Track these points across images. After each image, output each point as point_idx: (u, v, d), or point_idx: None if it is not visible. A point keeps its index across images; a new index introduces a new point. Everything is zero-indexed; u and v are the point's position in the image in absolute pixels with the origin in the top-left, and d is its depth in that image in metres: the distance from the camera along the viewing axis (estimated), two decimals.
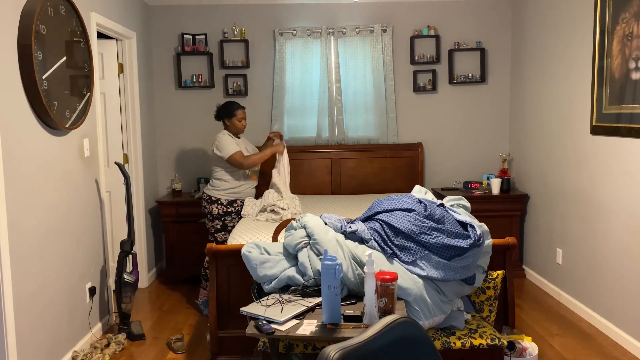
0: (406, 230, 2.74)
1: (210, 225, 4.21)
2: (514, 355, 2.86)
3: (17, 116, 2.80)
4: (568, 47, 4.16)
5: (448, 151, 5.47)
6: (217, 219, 4.18)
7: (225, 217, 4.19)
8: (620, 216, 3.53)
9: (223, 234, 4.19)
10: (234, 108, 4.27)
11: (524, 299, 4.41)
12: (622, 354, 3.40)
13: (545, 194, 4.61)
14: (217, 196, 4.18)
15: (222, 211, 4.18)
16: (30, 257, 2.90)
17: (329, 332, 2.23)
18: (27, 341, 2.85)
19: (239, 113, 4.26)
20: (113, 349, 3.49)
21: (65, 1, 3.25)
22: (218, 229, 4.19)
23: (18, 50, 2.80)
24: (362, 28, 5.26)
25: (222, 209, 4.18)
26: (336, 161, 5.34)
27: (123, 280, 3.73)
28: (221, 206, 4.17)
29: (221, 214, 4.18)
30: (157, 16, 5.29)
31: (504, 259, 3.12)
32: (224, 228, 4.19)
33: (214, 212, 4.17)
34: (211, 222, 4.20)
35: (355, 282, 2.61)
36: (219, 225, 4.19)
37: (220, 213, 4.17)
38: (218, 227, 4.19)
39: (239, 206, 4.25)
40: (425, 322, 2.60)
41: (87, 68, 3.59)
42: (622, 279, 3.52)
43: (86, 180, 3.65)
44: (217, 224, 4.19)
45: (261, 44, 5.34)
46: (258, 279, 2.73)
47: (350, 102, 5.36)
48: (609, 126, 3.60)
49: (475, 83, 5.37)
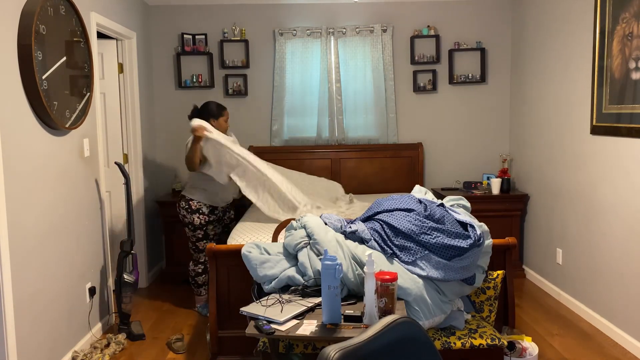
0: (406, 230, 2.74)
1: (192, 235, 4.08)
2: (514, 355, 2.86)
3: (17, 116, 2.80)
4: (568, 47, 4.16)
5: (448, 151, 5.47)
6: (198, 228, 4.05)
7: (207, 226, 4.07)
8: (620, 216, 3.53)
9: (204, 243, 4.09)
10: (221, 108, 4.09)
11: (524, 299, 4.41)
12: (622, 354, 3.40)
13: (545, 194, 4.61)
14: (196, 205, 3.99)
15: (204, 220, 4.04)
16: (30, 257, 2.90)
17: (329, 332, 2.23)
18: (27, 341, 2.85)
19: (226, 113, 4.11)
20: (113, 349, 3.49)
21: (65, 1, 3.25)
22: (200, 238, 4.08)
23: (18, 50, 2.80)
24: (362, 28, 5.26)
25: (203, 219, 4.02)
26: (336, 161, 5.34)
27: (123, 280, 3.73)
28: (203, 215, 4.02)
29: (203, 224, 4.05)
30: (157, 16, 5.29)
31: (504, 259, 3.12)
32: (206, 237, 4.09)
33: (196, 222, 4.02)
34: (192, 231, 4.06)
35: (355, 282, 2.61)
36: (200, 235, 4.07)
37: (202, 223, 4.04)
38: (200, 237, 4.08)
39: (219, 212, 4.15)
40: (425, 322, 2.60)
41: (87, 68, 3.59)
42: (622, 279, 3.52)
43: (86, 180, 3.65)
44: (198, 234, 4.07)
45: (261, 44, 5.34)
46: (258, 279, 2.73)
47: (350, 102, 5.36)
48: (609, 126, 3.60)
49: (475, 83, 5.37)
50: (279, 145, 5.39)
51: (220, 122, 4.07)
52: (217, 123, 4.05)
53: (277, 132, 5.38)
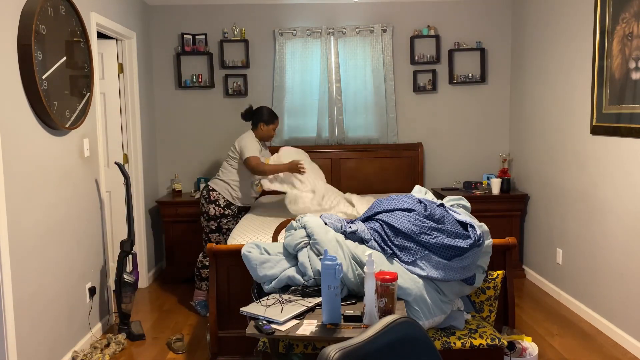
0: (406, 230, 2.74)
1: (205, 225, 4.17)
2: (514, 355, 2.86)
3: (17, 116, 2.80)
4: (568, 47, 4.16)
5: (448, 151, 5.47)
6: (212, 219, 4.14)
7: (221, 219, 4.14)
8: (620, 216, 3.53)
9: (217, 236, 4.14)
10: (275, 116, 4.28)
11: (524, 299, 4.41)
12: (622, 354, 3.40)
13: (545, 194, 4.61)
14: (215, 196, 4.13)
15: (219, 213, 4.13)
16: (30, 257, 2.90)
17: (329, 332, 2.22)
18: (27, 341, 2.85)
19: (277, 122, 4.29)
20: (113, 349, 3.49)
21: (65, 1, 3.25)
22: (213, 230, 4.15)
23: (18, 50, 2.80)
24: (362, 28, 5.26)
25: (219, 211, 4.13)
26: (336, 161, 5.34)
27: (123, 280, 3.73)
28: (218, 207, 4.13)
29: (217, 216, 4.13)
30: (157, 16, 5.29)
31: (504, 259, 3.12)
32: (219, 230, 4.15)
33: (211, 212, 4.13)
34: (207, 221, 4.16)
35: (355, 282, 2.61)
36: (213, 226, 4.14)
37: (216, 214, 4.12)
38: (213, 228, 4.15)
39: (235, 209, 4.21)
40: (425, 322, 2.60)
41: (87, 68, 3.59)
42: (622, 279, 3.52)
43: (86, 180, 3.65)
44: (212, 225, 4.14)
45: (261, 44, 5.34)
46: (258, 279, 2.73)
47: (350, 102, 5.36)
48: (609, 126, 3.60)
49: (475, 83, 5.37)
50: (279, 146, 5.37)
51: (269, 128, 4.25)
52: (267, 129, 4.25)
53: (277, 132, 5.37)
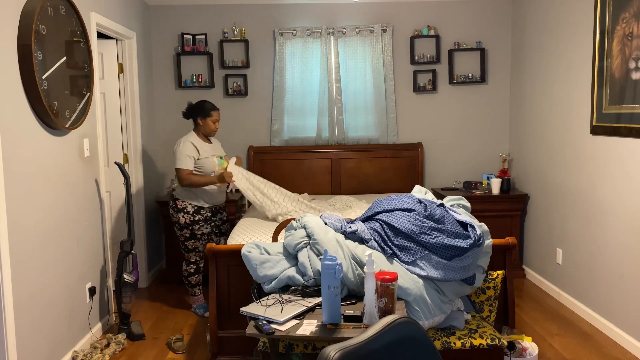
0: (406, 230, 2.74)
1: (180, 234, 4.10)
2: (514, 355, 2.87)
3: (17, 116, 2.80)
4: (568, 47, 4.16)
5: (448, 151, 5.47)
6: (184, 227, 4.05)
7: (192, 225, 4.04)
8: (620, 216, 3.53)
9: (193, 242, 4.09)
10: (209, 107, 4.05)
11: (524, 299, 4.41)
12: (622, 354, 3.40)
13: (545, 194, 4.61)
14: (181, 205, 4.02)
15: (189, 220, 4.03)
16: (30, 257, 2.90)
17: (329, 332, 2.22)
18: (27, 341, 2.85)
19: (215, 114, 4.06)
20: (113, 349, 3.49)
21: (65, 1, 3.25)
22: (187, 237, 4.08)
23: (18, 50, 2.80)
24: (362, 28, 5.26)
25: (188, 218, 4.03)
26: (336, 161, 5.34)
27: (123, 280, 3.73)
28: (188, 215, 4.02)
29: (188, 223, 4.04)
30: (157, 16, 5.29)
31: (504, 259, 3.12)
32: (193, 236, 4.08)
33: (181, 221, 4.03)
34: (179, 230, 4.08)
35: (355, 282, 2.61)
36: (187, 234, 4.07)
37: (187, 222, 4.03)
38: (187, 236, 4.07)
39: (207, 212, 4.10)
40: (425, 322, 2.60)
41: (87, 68, 3.59)
42: (622, 279, 3.52)
43: (86, 180, 3.65)
44: (185, 233, 4.07)
45: (261, 44, 5.34)
46: (258, 279, 2.73)
47: (350, 102, 5.36)
48: (609, 126, 3.60)
49: (475, 83, 5.37)
50: (279, 145, 5.39)
51: (207, 122, 4.07)
52: (205, 122, 4.07)
53: (277, 132, 5.38)
